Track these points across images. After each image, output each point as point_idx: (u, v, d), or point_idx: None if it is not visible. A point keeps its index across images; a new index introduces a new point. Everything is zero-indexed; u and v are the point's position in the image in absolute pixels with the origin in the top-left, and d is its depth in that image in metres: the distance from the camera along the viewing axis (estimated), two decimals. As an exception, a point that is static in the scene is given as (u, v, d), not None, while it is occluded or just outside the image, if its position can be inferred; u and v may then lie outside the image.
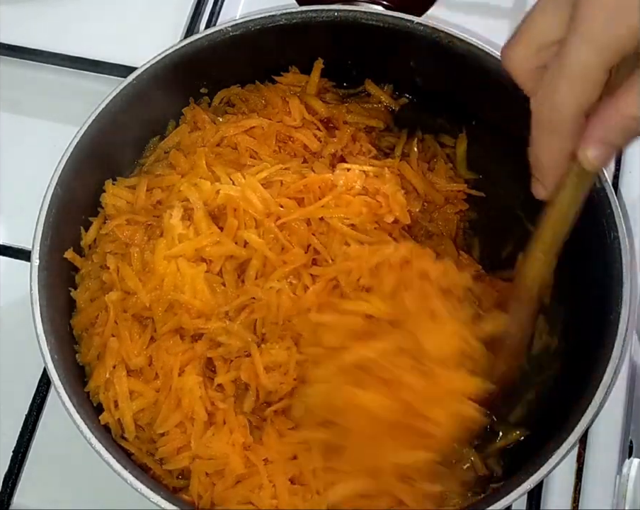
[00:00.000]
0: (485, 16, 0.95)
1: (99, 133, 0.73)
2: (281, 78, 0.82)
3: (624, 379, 0.74)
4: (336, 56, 0.81)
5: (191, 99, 0.81)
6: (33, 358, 0.66)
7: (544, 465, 0.60)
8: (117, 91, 0.74)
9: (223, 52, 0.78)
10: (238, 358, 0.67)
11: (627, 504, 0.66)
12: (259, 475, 0.63)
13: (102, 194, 0.76)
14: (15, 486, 0.72)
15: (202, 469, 0.64)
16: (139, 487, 0.59)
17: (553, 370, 0.72)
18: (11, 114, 0.92)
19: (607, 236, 0.68)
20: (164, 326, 0.68)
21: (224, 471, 0.64)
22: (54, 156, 0.71)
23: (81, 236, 0.74)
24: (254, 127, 0.77)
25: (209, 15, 0.94)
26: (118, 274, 0.70)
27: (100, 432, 0.63)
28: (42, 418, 0.74)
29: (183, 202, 0.71)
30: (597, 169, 0.55)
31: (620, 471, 0.69)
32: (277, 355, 0.66)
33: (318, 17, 0.78)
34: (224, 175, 0.72)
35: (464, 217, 0.78)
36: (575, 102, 0.50)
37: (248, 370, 0.66)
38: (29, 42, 0.93)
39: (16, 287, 0.72)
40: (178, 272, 0.68)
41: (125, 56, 0.89)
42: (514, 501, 0.60)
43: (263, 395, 0.66)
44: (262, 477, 0.63)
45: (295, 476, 0.63)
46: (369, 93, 0.84)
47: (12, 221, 0.85)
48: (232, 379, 0.67)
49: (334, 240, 0.69)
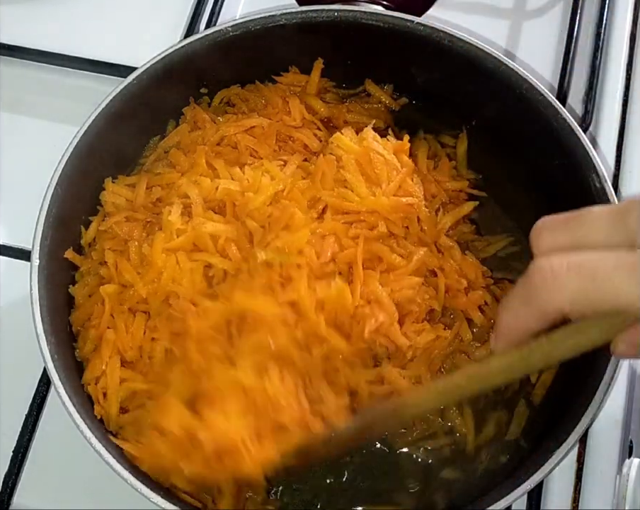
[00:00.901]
0: (485, 16, 0.95)
1: (99, 133, 0.73)
2: (281, 78, 0.82)
3: (624, 379, 0.74)
4: (336, 56, 0.81)
5: (191, 99, 0.81)
6: (33, 358, 0.66)
7: (544, 465, 0.60)
8: (117, 91, 0.74)
9: (223, 51, 0.78)
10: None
11: (627, 504, 0.66)
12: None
13: (101, 192, 0.76)
14: (15, 486, 0.72)
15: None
16: (139, 487, 0.59)
17: (553, 370, 0.72)
18: (11, 114, 0.92)
19: (607, 236, 0.68)
20: (159, 316, 0.68)
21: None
22: (54, 156, 0.71)
23: (81, 236, 0.74)
24: (254, 126, 0.77)
25: (209, 15, 0.93)
26: (116, 269, 0.70)
27: (100, 432, 0.63)
28: (42, 418, 0.74)
29: (182, 199, 0.71)
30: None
31: (620, 471, 0.69)
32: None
33: (318, 17, 0.78)
34: (224, 170, 0.72)
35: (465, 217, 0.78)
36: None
37: None
38: (29, 42, 0.93)
39: (16, 287, 0.72)
40: (177, 265, 0.68)
41: (125, 56, 0.89)
42: (514, 501, 0.60)
43: None
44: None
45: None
46: (369, 93, 0.84)
47: (12, 221, 0.85)
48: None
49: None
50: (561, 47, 0.90)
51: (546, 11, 0.95)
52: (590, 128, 0.86)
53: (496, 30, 0.93)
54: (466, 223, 0.78)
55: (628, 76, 0.91)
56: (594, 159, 0.70)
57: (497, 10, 0.96)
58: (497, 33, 0.93)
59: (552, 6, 0.96)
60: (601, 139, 0.86)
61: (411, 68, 0.81)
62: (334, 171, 0.70)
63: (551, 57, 0.92)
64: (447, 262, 0.72)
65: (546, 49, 0.92)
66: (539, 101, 0.73)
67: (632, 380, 0.75)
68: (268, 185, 0.70)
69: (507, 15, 0.95)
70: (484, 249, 0.77)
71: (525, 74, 0.74)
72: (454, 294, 0.72)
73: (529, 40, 0.93)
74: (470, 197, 0.78)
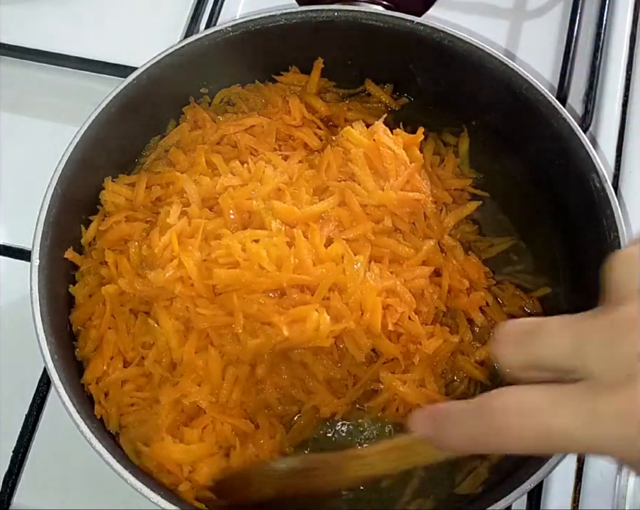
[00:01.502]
0: (485, 16, 0.95)
1: (99, 133, 0.73)
2: (281, 78, 0.82)
3: (624, 379, 0.74)
4: (336, 56, 0.81)
5: (191, 98, 0.81)
6: (33, 358, 0.66)
7: (544, 465, 0.60)
8: (117, 91, 0.74)
9: (223, 52, 0.78)
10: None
11: (627, 504, 0.66)
12: None
13: (101, 191, 0.76)
14: (15, 486, 0.72)
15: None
16: (139, 487, 0.59)
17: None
18: (11, 114, 0.92)
19: (607, 236, 0.68)
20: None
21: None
22: (54, 156, 0.71)
23: (81, 235, 0.74)
24: (254, 125, 0.77)
25: (209, 15, 0.93)
26: (117, 269, 0.70)
27: (100, 432, 0.63)
28: (42, 418, 0.74)
29: (182, 199, 0.71)
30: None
31: (620, 471, 0.69)
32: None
33: (318, 17, 0.78)
34: (223, 165, 0.73)
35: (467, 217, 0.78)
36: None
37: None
38: (29, 42, 0.93)
39: (16, 287, 0.72)
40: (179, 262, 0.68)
41: (125, 56, 0.89)
42: (514, 501, 0.60)
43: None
44: None
45: None
46: (370, 93, 0.84)
47: (12, 221, 0.85)
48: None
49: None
50: (561, 47, 0.90)
51: (546, 11, 0.95)
52: (590, 128, 0.86)
53: (496, 30, 0.93)
54: (469, 223, 0.78)
55: (628, 76, 0.91)
56: (594, 159, 0.70)
57: (497, 10, 0.96)
58: (497, 33, 0.93)
59: (552, 6, 0.96)
60: (601, 139, 0.86)
61: (411, 68, 0.81)
62: (340, 163, 0.70)
63: (551, 57, 0.92)
64: (450, 262, 0.72)
65: (546, 49, 0.92)
66: (539, 101, 0.73)
67: (632, 380, 0.75)
68: (272, 175, 0.70)
69: (507, 15, 0.95)
70: (486, 250, 0.77)
71: (525, 74, 0.74)
72: (455, 294, 0.72)
73: (529, 40, 0.93)
74: (473, 197, 0.79)
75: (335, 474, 0.58)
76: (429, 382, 0.68)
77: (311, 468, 0.60)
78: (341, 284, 0.65)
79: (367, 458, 0.55)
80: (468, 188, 0.79)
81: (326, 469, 0.59)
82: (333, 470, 0.58)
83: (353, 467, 0.56)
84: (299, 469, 0.61)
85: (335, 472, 0.57)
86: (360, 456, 0.56)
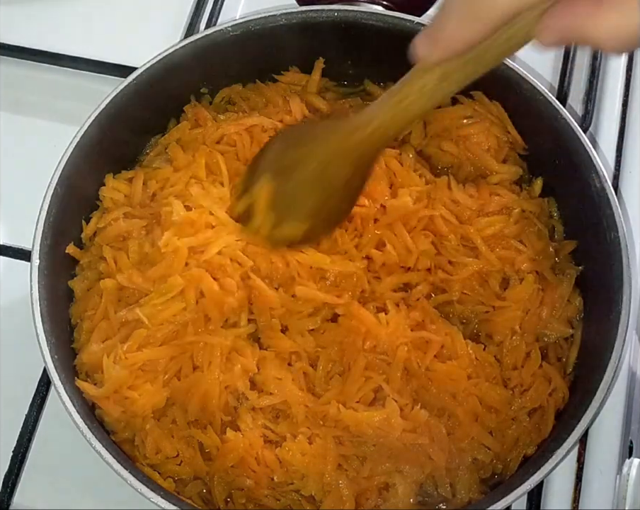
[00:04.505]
0: (485, 16, 0.95)
1: (99, 133, 0.73)
2: (282, 77, 0.83)
3: (624, 379, 0.74)
4: (336, 56, 0.81)
5: (192, 97, 0.81)
6: (33, 358, 0.66)
7: (544, 465, 0.60)
8: (117, 91, 0.74)
9: (223, 52, 0.78)
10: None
11: (627, 504, 0.66)
12: None
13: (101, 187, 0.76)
14: (15, 486, 0.72)
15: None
16: (139, 487, 0.59)
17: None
18: (11, 114, 0.92)
19: (607, 236, 0.68)
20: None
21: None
22: (54, 156, 0.71)
23: (81, 233, 0.74)
24: (255, 125, 0.77)
25: (209, 15, 0.94)
26: (116, 265, 0.70)
27: (100, 432, 0.63)
28: (42, 418, 0.74)
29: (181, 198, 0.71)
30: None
31: (620, 471, 0.69)
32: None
33: (318, 17, 0.78)
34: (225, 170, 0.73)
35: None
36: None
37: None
38: (29, 42, 0.93)
39: (16, 287, 0.72)
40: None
41: (125, 56, 0.89)
42: (514, 501, 0.60)
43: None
44: None
45: None
46: (369, 93, 0.84)
47: (12, 221, 0.85)
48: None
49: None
50: (561, 47, 0.90)
51: (546, 11, 0.95)
52: (590, 128, 0.86)
53: (496, 30, 0.93)
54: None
55: (628, 76, 0.91)
56: (594, 159, 0.70)
57: (497, 10, 0.96)
58: (497, 33, 0.93)
59: (552, 6, 0.96)
60: (601, 139, 0.87)
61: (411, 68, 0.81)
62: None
63: (551, 57, 0.92)
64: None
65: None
66: (539, 101, 0.73)
67: (632, 380, 0.76)
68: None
69: (507, 15, 0.95)
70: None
71: (525, 74, 0.74)
72: None
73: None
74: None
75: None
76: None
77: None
78: None
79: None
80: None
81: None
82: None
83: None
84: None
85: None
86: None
